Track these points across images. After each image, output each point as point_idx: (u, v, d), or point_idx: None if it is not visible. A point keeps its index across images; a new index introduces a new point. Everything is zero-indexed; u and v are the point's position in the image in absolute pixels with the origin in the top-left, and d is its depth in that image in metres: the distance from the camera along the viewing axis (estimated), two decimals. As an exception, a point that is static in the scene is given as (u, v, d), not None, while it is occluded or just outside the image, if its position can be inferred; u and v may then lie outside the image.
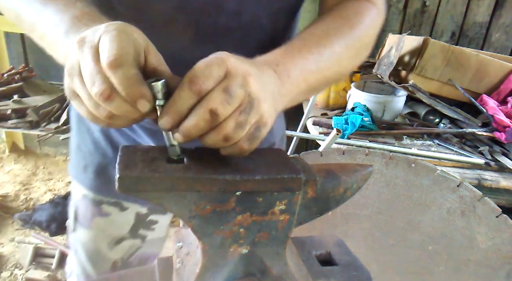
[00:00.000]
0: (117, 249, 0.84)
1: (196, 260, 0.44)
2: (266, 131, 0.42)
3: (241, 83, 0.38)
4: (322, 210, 0.45)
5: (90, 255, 0.85)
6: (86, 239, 0.84)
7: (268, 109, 0.41)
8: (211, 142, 0.39)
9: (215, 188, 0.38)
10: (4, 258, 1.98)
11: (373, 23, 0.61)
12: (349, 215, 0.74)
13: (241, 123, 0.38)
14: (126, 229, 0.83)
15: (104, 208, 0.81)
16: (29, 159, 2.80)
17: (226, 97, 0.37)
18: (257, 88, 0.40)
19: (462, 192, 0.69)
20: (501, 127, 1.52)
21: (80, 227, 0.84)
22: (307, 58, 0.51)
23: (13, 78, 2.18)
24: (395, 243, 0.74)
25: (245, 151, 0.40)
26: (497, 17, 2.33)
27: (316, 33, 0.55)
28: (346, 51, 0.56)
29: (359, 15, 0.60)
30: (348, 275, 0.46)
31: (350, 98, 1.79)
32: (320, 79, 0.53)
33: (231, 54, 0.40)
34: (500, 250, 0.68)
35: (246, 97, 0.39)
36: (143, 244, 0.86)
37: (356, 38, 0.57)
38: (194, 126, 0.37)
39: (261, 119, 0.40)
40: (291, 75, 0.48)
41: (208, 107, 0.37)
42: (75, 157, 0.83)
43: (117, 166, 0.37)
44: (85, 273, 0.87)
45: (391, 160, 0.72)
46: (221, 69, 0.38)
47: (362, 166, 0.48)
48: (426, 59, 1.64)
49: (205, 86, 0.37)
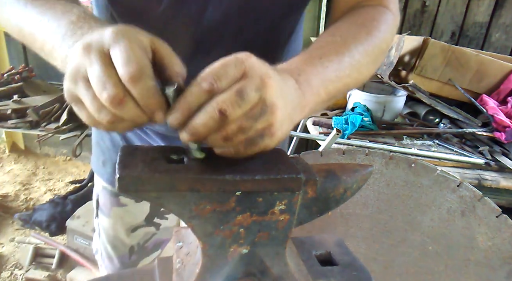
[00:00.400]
0: (134, 236, 0.93)
1: (196, 260, 0.44)
2: (272, 142, 0.40)
3: (257, 85, 0.37)
4: (322, 210, 0.45)
5: (110, 240, 0.94)
6: (107, 226, 0.93)
7: (282, 119, 0.39)
8: (211, 141, 0.38)
9: (215, 188, 0.38)
10: (4, 258, 1.98)
11: (389, 29, 0.61)
12: (349, 215, 0.74)
13: (245, 129, 0.37)
14: (142, 218, 0.91)
15: (122, 199, 0.89)
16: (29, 159, 2.80)
17: (238, 99, 0.36)
18: (275, 94, 0.38)
19: (462, 192, 0.69)
20: (501, 127, 1.52)
21: (102, 214, 0.93)
22: (328, 67, 0.50)
23: (13, 78, 2.18)
24: (395, 243, 0.74)
25: (239, 154, 0.39)
26: (497, 17, 2.33)
27: (335, 40, 0.54)
28: (365, 57, 0.55)
29: (375, 21, 0.59)
30: (348, 275, 0.46)
31: (350, 98, 1.79)
32: (339, 88, 0.52)
33: (252, 55, 0.39)
34: (500, 250, 0.68)
35: (260, 102, 0.37)
36: (157, 231, 0.95)
37: (374, 45, 0.56)
38: (203, 124, 0.36)
39: (269, 128, 0.38)
40: (313, 85, 0.47)
41: (218, 106, 0.36)
42: (95, 152, 0.91)
43: (117, 166, 0.37)
44: (107, 253, 0.97)
45: (391, 160, 0.72)
46: (237, 70, 0.37)
47: (362, 166, 0.47)
48: (426, 59, 1.64)
49: (218, 85, 0.37)
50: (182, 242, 0.49)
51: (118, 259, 0.96)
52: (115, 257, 0.96)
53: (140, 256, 0.97)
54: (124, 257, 0.95)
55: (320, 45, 0.54)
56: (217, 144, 0.39)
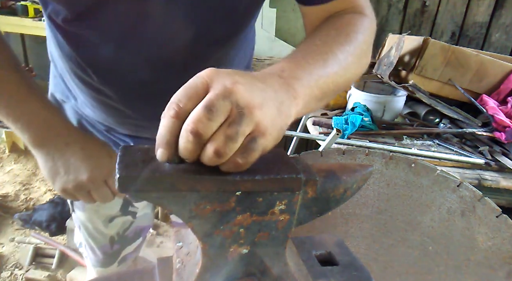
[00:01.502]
0: (112, 226, 0.95)
1: (196, 260, 0.44)
2: (267, 142, 0.38)
3: (223, 94, 0.36)
4: (322, 210, 0.45)
5: (89, 232, 0.96)
6: (83, 219, 0.95)
7: (268, 116, 0.38)
8: (206, 160, 0.36)
9: (215, 188, 0.38)
10: (4, 258, 1.98)
11: (367, 31, 0.62)
12: (349, 215, 0.74)
13: (231, 136, 0.35)
14: (117, 208, 0.93)
15: None
16: (29, 159, 2.80)
17: (206, 113, 0.35)
18: (246, 95, 0.37)
19: (462, 192, 0.69)
20: (501, 127, 1.52)
21: (77, 209, 0.95)
22: (312, 64, 0.50)
23: (13, 78, 2.17)
24: (395, 243, 0.74)
25: (240, 165, 0.37)
26: (497, 17, 2.33)
27: (315, 43, 0.55)
28: (348, 57, 0.55)
29: (352, 25, 0.60)
30: (348, 275, 0.46)
31: (350, 98, 1.79)
32: (329, 84, 0.52)
33: (215, 68, 0.39)
34: (500, 250, 0.68)
35: (233, 107, 0.36)
36: (135, 219, 0.98)
37: (354, 45, 0.57)
38: (184, 149, 0.36)
39: (258, 128, 0.37)
40: (300, 77, 0.47)
41: (188, 128, 0.35)
42: None
43: (117, 166, 0.37)
44: (89, 245, 0.99)
45: (391, 160, 0.72)
46: (200, 87, 0.37)
47: (362, 166, 0.47)
48: (426, 59, 1.64)
49: (184, 107, 0.36)
50: (182, 242, 0.49)
51: (100, 249, 0.98)
52: (96, 248, 0.98)
53: (122, 245, 1.00)
54: (106, 247, 0.98)
55: (301, 49, 0.54)
56: (215, 163, 0.37)
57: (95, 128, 0.83)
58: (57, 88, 0.84)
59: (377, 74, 1.89)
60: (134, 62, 0.67)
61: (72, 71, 0.72)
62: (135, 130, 0.81)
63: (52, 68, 0.84)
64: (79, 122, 0.84)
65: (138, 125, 0.79)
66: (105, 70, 0.68)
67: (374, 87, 1.86)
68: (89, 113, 0.81)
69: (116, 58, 0.66)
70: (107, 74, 0.69)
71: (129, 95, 0.73)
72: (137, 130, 0.81)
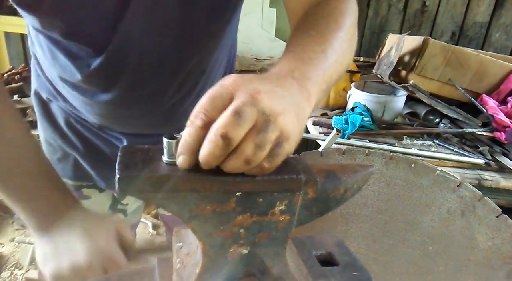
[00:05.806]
0: None
1: (196, 260, 0.44)
2: (290, 146, 0.39)
3: (250, 102, 0.37)
4: (322, 210, 0.45)
5: None
6: None
7: (290, 121, 0.39)
8: (232, 167, 0.37)
9: (215, 188, 0.38)
10: (4, 258, 1.98)
11: (352, 13, 0.64)
12: (349, 215, 0.74)
13: (261, 144, 0.36)
14: (107, 206, 0.95)
15: (84, 191, 0.91)
16: (29, 159, 2.80)
17: (236, 118, 0.35)
18: (270, 103, 0.38)
19: (462, 192, 0.69)
20: (501, 127, 1.52)
21: None
22: (315, 58, 0.51)
23: (13, 78, 2.18)
24: (395, 243, 0.74)
25: (266, 170, 0.38)
26: (497, 17, 2.33)
27: (309, 34, 0.56)
28: (343, 43, 0.57)
29: (337, 10, 0.62)
30: (348, 275, 0.46)
31: (350, 98, 1.79)
32: (333, 75, 0.53)
33: (237, 75, 0.40)
34: (500, 250, 0.68)
35: (260, 115, 0.37)
36: (126, 217, 0.98)
37: (345, 30, 0.59)
38: (209, 154, 0.36)
39: (282, 134, 0.38)
40: (309, 76, 0.48)
41: (218, 132, 0.35)
42: (47, 150, 0.91)
43: (117, 166, 0.37)
44: None
45: (391, 160, 0.72)
46: (225, 96, 0.38)
47: (363, 167, 0.47)
48: (426, 59, 1.64)
49: (211, 116, 0.37)
50: (182, 242, 0.49)
51: None
52: None
53: None
54: None
55: (298, 43, 0.55)
56: (242, 170, 0.38)
57: (84, 126, 0.84)
58: (42, 87, 0.85)
59: (377, 74, 1.89)
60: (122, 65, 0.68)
61: (62, 79, 0.74)
62: (128, 127, 0.82)
63: (36, 67, 0.85)
64: (67, 121, 0.84)
65: (131, 124, 0.80)
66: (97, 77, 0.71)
67: (374, 87, 1.86)
68: (80, 114, 0.82)
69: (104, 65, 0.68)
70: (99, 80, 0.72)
71: (128, 95, 0.74)
72: (131, 128, 0.82)
